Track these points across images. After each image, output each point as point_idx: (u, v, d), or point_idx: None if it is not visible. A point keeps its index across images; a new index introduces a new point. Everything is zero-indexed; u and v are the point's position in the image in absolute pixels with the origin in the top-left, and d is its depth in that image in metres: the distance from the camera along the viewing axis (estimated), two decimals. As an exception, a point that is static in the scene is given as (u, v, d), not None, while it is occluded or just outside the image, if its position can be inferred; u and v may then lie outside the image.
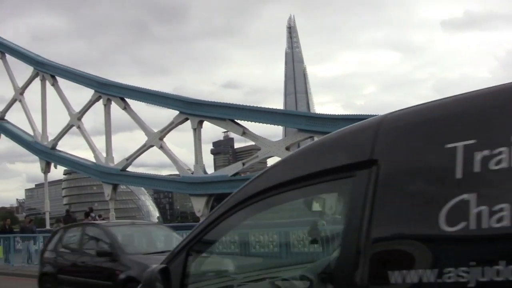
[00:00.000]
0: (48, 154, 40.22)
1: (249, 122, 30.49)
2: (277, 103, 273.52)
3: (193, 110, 31.95)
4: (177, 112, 33.08)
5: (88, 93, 37.90)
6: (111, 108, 37.06)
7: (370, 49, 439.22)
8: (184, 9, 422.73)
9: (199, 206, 31.32)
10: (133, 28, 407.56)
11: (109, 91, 36.46)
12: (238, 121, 30.78)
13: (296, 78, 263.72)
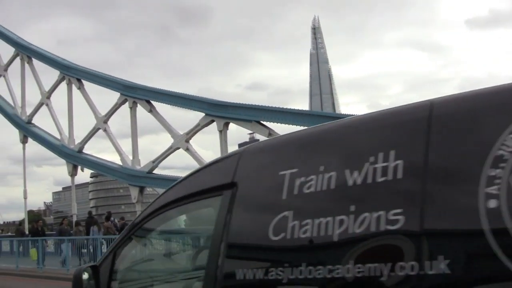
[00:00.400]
0: (75, 157, 40.41)
1: (275, 124, 30.31)
2: (303, 104, 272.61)
3: (219, 112, 31.80)
4: (203, 114, 32.95)
5: (114, 96, 38.08)
6: (137, 111, 37.15)
7: (395, 49, 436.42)
8: (208, 11, 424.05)
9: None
10: (157, 31, 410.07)
11: (135, 94, 36.49)
12: (264, 123, 30.59)
13: (321, 79, 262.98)
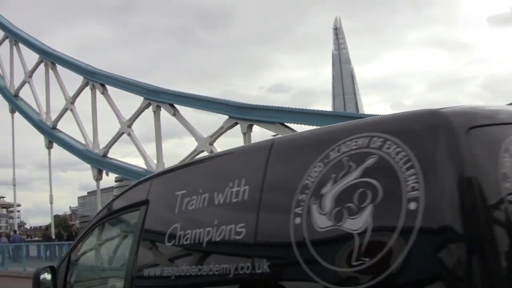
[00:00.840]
0: (100, 162, 40.62)
1: (299, 125, 30.15)
2: (326, 105, 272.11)
3: (243, 114, 31.72)
4: (226, 117, 32.94)
5: (137, 101, 38.18)
6: (161, 115, 37.20)
7: (417, 48, 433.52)
8: (229, 14, 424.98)
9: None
10: (179, 35, 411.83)
11: (159, 98, 36.58)
12: (288, 124, 30.46)
13: (344, 79, 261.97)
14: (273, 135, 32.79)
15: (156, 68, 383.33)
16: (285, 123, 30.38)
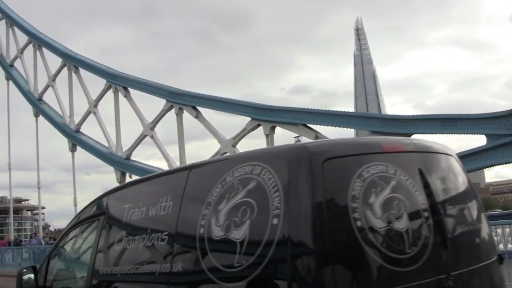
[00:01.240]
0: (123, 165, 40.73)
1: (321, 126, 29.97)
2: (348, 106, 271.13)
3: (265, 116, 31.57)
4: (247, 119, 32.78)
5: (160, 103, 38.23)
6: (183, 117, 37.21)
7: (439, 48, 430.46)
8: (250, 17, 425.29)
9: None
10: (200, 38, 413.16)
11: (181, 100, 36.57)
12: (310, 125, 30.29)
13: (366, 80, 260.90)
14: (295, 137, 32.65)
15: (177, 71, 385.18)
16: (308, 124, 30.20)
